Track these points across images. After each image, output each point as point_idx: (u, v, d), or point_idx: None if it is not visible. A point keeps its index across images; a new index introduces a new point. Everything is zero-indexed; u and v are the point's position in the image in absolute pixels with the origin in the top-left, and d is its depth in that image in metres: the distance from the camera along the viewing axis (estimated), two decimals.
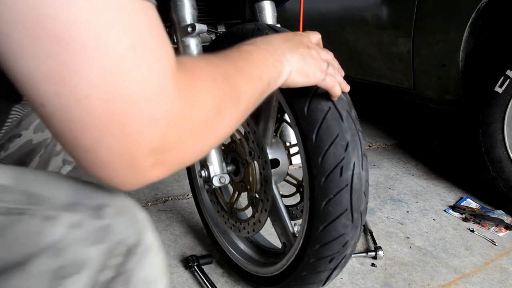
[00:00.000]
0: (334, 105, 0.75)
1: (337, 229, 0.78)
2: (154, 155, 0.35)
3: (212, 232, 1.22)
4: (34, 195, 0.35)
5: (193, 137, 0.38)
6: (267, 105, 0.96)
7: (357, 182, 0.76)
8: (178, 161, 0.38)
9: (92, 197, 0.38)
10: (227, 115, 0.44)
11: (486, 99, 1.51)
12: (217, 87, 0.42)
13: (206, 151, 0.42)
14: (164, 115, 0.34)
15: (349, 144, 0.75)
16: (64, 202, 0.35)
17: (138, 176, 0.35)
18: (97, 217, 0.36)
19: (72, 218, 0.34)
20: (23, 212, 0.33)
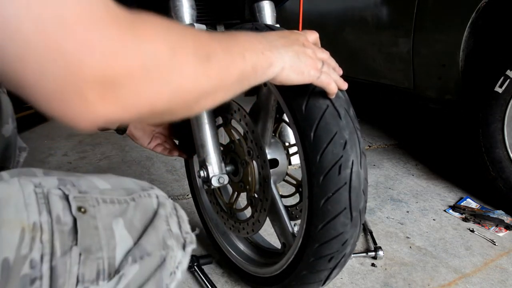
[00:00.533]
0: (332, 104, 0.75)
1: (336, 228, 0.78)
2: (101, 85, 0.34)
3: (211, 233, 1.22)
4: (127, 189, 0.50)
5: (144, 74, 0.37)
6: (265, 105, 0.96)
7: (356, 180, 0.76)
8: (130, 99, 0.37)
9: (143, 183, 0.54)
10: (186, 64, 0.42)
11: (486, 99, 1.51)
12: (172, 32, 0.42)
13: (165, 100, 0.41)
14: (101, 42, 0.34)
15: (347, 142, 0.75)
16: (139, 188, 0.51)
17: (89, 108, 0.35)
18: (155, 190, 0.54)
19: (153, 193, 0.52)
20: (133, 198, 0.49)
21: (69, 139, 2.47)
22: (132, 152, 2.22)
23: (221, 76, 0.48)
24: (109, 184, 0.49)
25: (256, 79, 0.56)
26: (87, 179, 0.47)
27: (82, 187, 0.45)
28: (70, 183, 0.44)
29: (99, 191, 0.46)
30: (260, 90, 0.96)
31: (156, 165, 2.04)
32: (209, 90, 0.46)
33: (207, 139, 0.93)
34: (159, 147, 1.10)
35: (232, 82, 0.51)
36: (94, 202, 0.44)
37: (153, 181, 1.85)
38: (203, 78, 0.45)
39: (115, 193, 0.48)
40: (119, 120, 0.39)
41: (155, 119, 0.46)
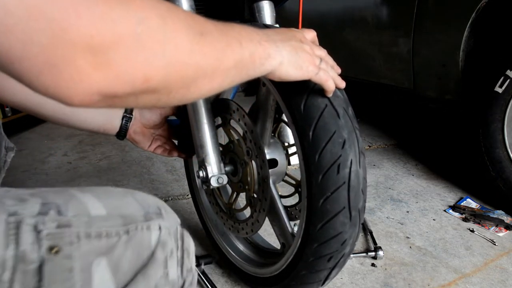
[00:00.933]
0: (331, 103, 0.75)
1: (335, 227, 0.78)
2: (92, 52, 0.33)
3: (211, 233, 1.22)
4: (125, 216, 0.44)
5: (135, 41, 0.36)
6: (264, 105, 0.96)
7: (355, 179, 0.76)
8: (123, 66, 0.36)
9: (148, 204, 0.49)
10: (179, 36, 0.41)
11: (486, 99, 1.50)
12: (161, 3, 0.40)
13: (159, 71, 0.39)
14: (87, 7, 0.33)
15: (346, 141, 0.75)
16: (142, 214, 0.46)
17: (81, 77, 0.34)
18: (162, 218, 0.48)
19: (156, 224, 0.46)
20: (128, 231, 0.43)
21: (69, 139, 2.47)
22: (132, 152, 2.22)
23: (217, 56, 0.46)
24: (106, 207, 0.44)
25: (254, 70, 0.55)
26: (79, 201, 0.43)
27: (69, 213, 0.40)
28: (55, 208, 0.40)
29: (86, 221, 0.41)
30: (259, 90, 0.96)
31: (156, 165, 2.04)
32: (206, 69, 0.45)
33: (206, 139, 0.93)
34: (159, 148, 1.10)
35: (230, 67, 0.49)
36: (74, 238, 0.39)
37: (153, 181, 1.86)
38: (199, 54, 0.43)
39: (108, 222, 0.43)
40: (114, 93, 0.37)
41: (151, 99, 0.42)
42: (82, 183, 1.85)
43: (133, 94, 0.38)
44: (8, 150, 0.92)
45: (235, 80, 0.52)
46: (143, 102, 0.41)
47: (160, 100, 0.43)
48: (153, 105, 0.43)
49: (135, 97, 0.40)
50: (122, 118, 0.99)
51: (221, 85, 0.49)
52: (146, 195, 0.51)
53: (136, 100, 0.40)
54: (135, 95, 0.39)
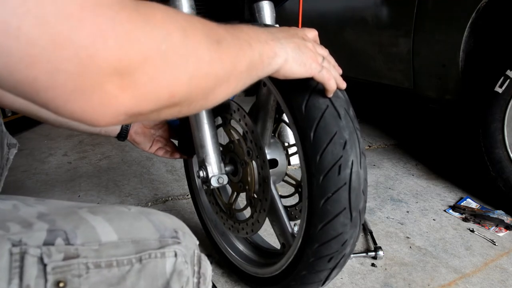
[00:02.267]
0: (332, 104, 0.75)
1: (335, 228, 0.78)
2: (119, 75, 0.32)
3: (211, 233, 1.22)
4: (138, 242, 0.43)
5: (161, 59, 0.35)
6: (265, 105, 0.96)
7: (356, 180, 0.76)
8: (150, 86, 0.35)
9: (165, 226, 0.47)
10: (200, 47, 0.40)
11: (486, 99, 1.50)
12: (179, 16, 0.40)
13: (184, 86, 0.39)
14: (113, 29, 0.31)
15: (347, 142, 0.75)
16: (156, 238, 0.44)
17: (110, 101, 0.33)
18: (178, 242, 0.46)
19: (172, 250, 0.45)
20: (140, 259, 0.42)
21: (69, 139, 2.47)
22: (132, 152, 2.22)
23: (232, 62, 0.46)
24: (117, 232, 0.42)
25: (263, 70, 0.55)
26: (89, 225, 0.41)
27: (77, 240, 0.39)
28: (62, 235, 0.38)
29: (96, 250, 0.39)
30: (260, 90, 0.96)
31: (156, 165, 2.04)
32: (223, 76, 0.44)
33: (206, 139, 0.93)
34: (161, 150, 1.10)
35: (242, 70, 0.49)
36: (82, 269, 0.38)
37: (153, 181, 1.86)
38: (217, 62, 0.43)
39: (119, 250, 0.41)
40: (140, 112, 0.36)
41: (173, 112, 0.41)
42: (82, 183, 1.85)
43: (156, 110, 0.38)
44: (10, 147, 0.92)
45: (246, 83, 0.51)
46: (165, 115, 0.41)
47: (181, 112, 0.42)
48: (173, 116, 0.43)
49: (158, 112, 0.39)
50: None
51: (235, 90, 0.49)
52: (163, 216, 0.49)
53: (158, 115, 0.40)
54: (158, 110, 0.38)
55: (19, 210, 0.40)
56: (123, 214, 0.45)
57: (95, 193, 1.74)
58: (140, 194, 1.72)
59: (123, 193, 1.74)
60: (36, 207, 0.42)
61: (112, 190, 1.77)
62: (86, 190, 1.78)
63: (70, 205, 0.45)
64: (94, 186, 1.81)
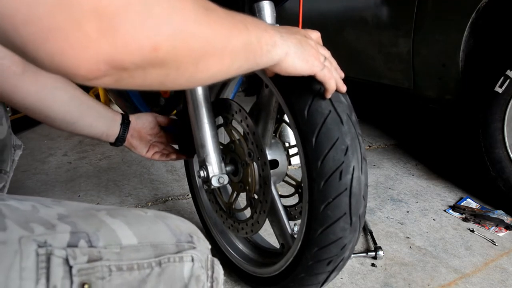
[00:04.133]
0: (335, 109, 0.75)
1: (335, 233, 0.78)
2: (99, 17, 0.32)
3: (210, 232, 1.22)
4: (156, 246, 0.43)
5: (142, 7, 0.35)
6: (267, 106, 0.96)
7: (356, 186, 0.76)
8: (131, 32, 0.34)
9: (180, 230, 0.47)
10: (185, 4, 0.39)
11: (486, 99, 1.51)
12: None
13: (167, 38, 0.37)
14: None
15: (348, 148, 0.74)
16: (174, 243, 0.45)
17: (89, 44, 0.32)
18: (194, 248, 0.46)
19: (189, 255, 0.45)
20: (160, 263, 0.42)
21: (69, 139, 2.47)
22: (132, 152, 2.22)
23: (224, 34, 0.44)
24: (137, 236, 0.42)
25: (262, 57, 0.53)
26: (109, 228, 0.41)
27: (99, 243, 0.39)
28: (85, 238, 0.39)
29: (117, 253, 0.39)
30: (262, 91, 0.96)
31: (156, 165, 2.04)
32: (214, 44, 0.43)
33: (207, 139, 0.93)
34: (157, 154, 1.10)
35: (238, 49, 0.47)
36: (105, 272, 0.38)
37: (153, 181, 1.86)
38: (206, 27, 0.41)
39: (139, 254, 0.41)
40: (122, 64, 0.35)
41: (160, 75, 0.40)
42: (82, 183, 1.85)
43: (141, 66, 0.37)
44: (15, 148, 0.92)
45: (243, 66, 0.50)
46: (151, 78, 0.39)
47: (169, 75, 0.41)
48: (161, 81, 0.41)
49: (143, 71, 0.38)
50: (121, 124, 1.01)
51: (230, 68, 0.47)
52: (178, 220, 0.49)
53: (144, 75, 0.38)
54: (143, 68, 0.37)
55: (39, 211, 0.40)
56: (140, 217, 0.45)
57: (95, 193, 1.74)
58: (140, 194, 1.72)
59: (123, 193, 1.74)
60: (54, 208, 0.42)
61: (112, 190, 1.77)
62: (86, 190, 1.78)
63: (87, 207, 0.45)
64: (94, 186, 1.81)
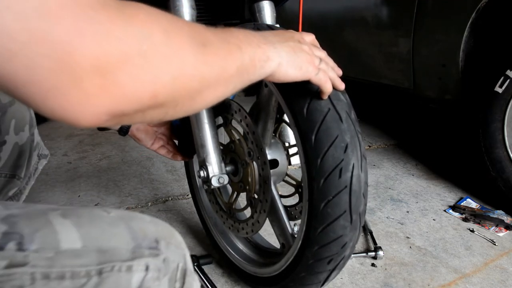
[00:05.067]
0: (334, 107, 0.75)
1: (335, 231, 0.78)
2: (98, 73, 0.32)
3: (211, 232, 1.22)
4: (104, 252, 0.38)
5: (141, 57, 0.35)
6: (266, 106, 0.96)
7: (356, 183, 0.76)
8: (130, 85, 0.34)
9: (145, 234, 0.42)
10: (183, 48, 0.40)
11: (486, 99, 1.50)
12: (163, 17, 0.39)
13: (166, 86, 0.38)
14: (91, 26, 0.32)
15: (348, 145, 0.75)
16: (130, 248, 0.40)
17: (89, 100, 0.33)
18: (157, 255, 0.42)
19: (143, 263, 0.40)
20: (100, 271, 0.38)
21: (69, 139, 2.47)
22: (132, 152, 2.22)
23: (220, 65, 0.45)
24: (83, 239, 0.38)
25: (255, 74, 0.54)
26: (52, 230, 0.38)
27: (32, 246, 0.35)
28: (16, 239, 0.35)
29: (49, 258, 0.36)
30: (261, 91, 0.96)
31: (156, 165, 2.04)
32: (210, 79, 0.43)
33: (207, 139, 0.93)
34: (163, 149, 1.10)
35: (232, 74, 0.48)
36: (26, 280, 0.34)
37: (153, 181, 1.86)
38: (203, 65, 0.42)
39: (78, 260, 0.37)
40: (122, 112, 0.36)
41: (159, 114, 0.40)
42: (82, 183, 1.85)
43: (140, 110, 0.37)
44: (41, 157, 0.92)
45: (237, 86, 0.51)
46: (150, 117, 0.40)
47: (167, 113, 0.41)
48: (160, 119, 0.42)
49: (142, 113, 0.38)
50: None
51: (224, 93, 0.48)
52: (148, 222, 0.45)
53: (143, 116, 0.39)
54: (142, 111, 0.38)
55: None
56: (98, 219, 0.42)
57: (95, 193, 1.74)
58: (140, 194, 1.72)
59: (123, 193, 1.74)
60: (11, 210, 0.39)
61: (112, 190, 1.77)
62: (86, 190, 1.78)
63: (50, 207, 0.42)
64: (94, 186, 1.81)
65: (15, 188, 0.90)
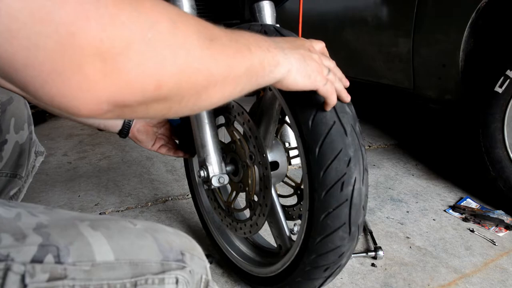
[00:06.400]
0: (339, 119, 0.74)
1: (334, 241, 0.79)
2: (101, 58, 0.31)
3: (210, 232, 1.22)
4: (136, 264, 0.39)
5: (146, 45, 0.34)
6: (269, 109, 0.95)
7: (357, 197, 0.76)
8: (134, 71, 0.33)
9: (171, 246, 0.43)
10: (190, 40, 0.38)
11: (486, 99, 1.51)
12: (171, 8, 0.38)
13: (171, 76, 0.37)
14: (96, 10, 0.30)
15: (351, 159, 0.74)
16: (159, 261, 0.41)
17: (90, 86, 0.31)
18: (183, 267, 0.43)
19: (173, 276, 0.41)
20: (135, 284, 0.38)
21: (69, 139, 2.47)
22: (132, 152, 2.22)
23: (228, 63, 0.44)
24: (115, 251, 0.39)
25: (264, 78, 0.53)
26: (85, 242, 0.38)
27: (69, 259, 0.35)
28: (54, 252, 0.35)
29: (86, 271, 0.36)
30: (265, 94, 0.95)
31: (156, 165, 2.04)
32: (217, 75, 0.42)
33: (207, 139, 0.92)
34: (163, 148, 1.10)
35: (240, 74, 0.46)
36: None
37: (153, 181, 1.86)
38: (210, 59, 0.41)
39: (113, 272, 0.37)
40: (124, 102, 0.34)
41: (163, 109, 0.39)
42: (82, 183, 1.85)
43: (143, 102, 0.36)
44: (38, 154, 0.91)
45: (245, 88, 0.49)
46: (154, 111, 0.39)
47: (171, 108, 0.40)
48: (164, 114, 0.41)
49: (146, 106, 0.37)
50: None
51: (232, 93, 0.47)
52: (172, 234, 0.46)
53: (147, 109, 0.38)
54: (145, 104, 0.36)
55: (20, 219, 0.38)
56: (125, 230, 0.42)
57: (95, 193, 1.74)
58: (140, 194, 1.72)
59: (123, 193, 1.74)
60: (39, 217, 0.39)
61: (112, 190, 1.77)
62: (86, 190, 1.78)
63: (75, 216, 0.42)
64: (94, 186, 1.81)
65: (16, 187, 0.90)
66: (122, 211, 1.58)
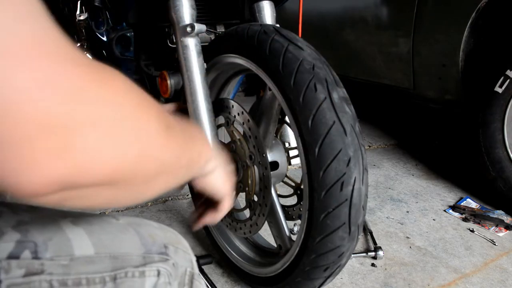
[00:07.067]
0: (339, 119, 0.74)
1: (334, 241, 0.79)
2: (53, 134, 0.26)
3: (210, 232, 1.22)
4: (117, 258, 0.39)
5: (110, 126, 0.30)
6: (269, 109, 0.95)
7: (357, 197, 0.76)
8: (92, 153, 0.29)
9: (154, 240, 0.43)
10: (151, 127, 0.35)
11: (486, 99, 1.51)
12: (136, 90, 0.35)
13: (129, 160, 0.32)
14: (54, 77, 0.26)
15: (351, 159, 0.74)
16: (140, 254, 0.41)
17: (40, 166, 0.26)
18: (166, 260, 0.42)
19: (154, 268, 0.41)
20: (115, 277, 0.38)
21: None
22: None
23: (177, 153, 0.40)
24: (95, 245, 0.38)
25: (198, 169, 0.49)
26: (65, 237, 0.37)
27: (46, 254, 0.35)
28: (31, 248, 0.34)
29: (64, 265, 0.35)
30: (265, 94, 0.95)
31: None
32: (167, 165, 0.39)
33: None
34: None
35: (183, 164, 0.43)
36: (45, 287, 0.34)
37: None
38: (165, 148, 0.37)
39: (92, 266, 0.37)
40: (74, 183, 0.30)
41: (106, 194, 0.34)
42: None
43: (92, 185, 0.31)
44: None
45: (184, 178, 0.46)
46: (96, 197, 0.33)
47: (116, 196, 0.35)
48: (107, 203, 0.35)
49: (94, 189, 0.32)
50: None
51: (174, 182, 0.43)
52: (156, 228, 0.45)
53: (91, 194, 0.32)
54: (94, 187, 0.32)
55: (1, 218, 0.37)
56: (108, 225, 0.41)
57: None
58: None
59: None
60: (21, 215, 0.38)
61: None
62: None
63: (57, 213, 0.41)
64: None
65: None
66: (122, 211, 1.58)
